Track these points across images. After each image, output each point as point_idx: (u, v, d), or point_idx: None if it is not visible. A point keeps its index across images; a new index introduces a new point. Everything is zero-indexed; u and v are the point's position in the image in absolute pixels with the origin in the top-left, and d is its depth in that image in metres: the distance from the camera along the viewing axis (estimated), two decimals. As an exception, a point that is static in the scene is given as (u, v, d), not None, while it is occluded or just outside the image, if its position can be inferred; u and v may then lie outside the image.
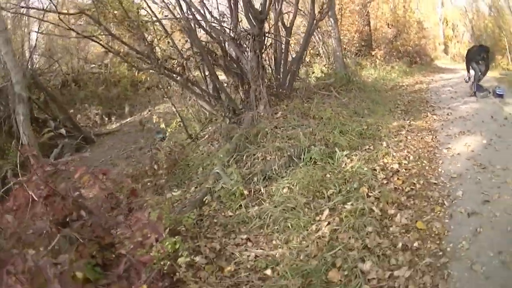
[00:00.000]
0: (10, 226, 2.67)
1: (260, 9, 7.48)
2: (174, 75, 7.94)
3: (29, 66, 13.46)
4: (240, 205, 4.86)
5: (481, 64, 10.70)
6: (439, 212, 4.53)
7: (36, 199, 2.97)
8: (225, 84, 8.47)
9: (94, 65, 17.16)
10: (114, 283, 2.52)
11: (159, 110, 13.93)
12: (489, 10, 21.95)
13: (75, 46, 16.70)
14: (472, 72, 10.92)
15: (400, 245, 3.86)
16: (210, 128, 8.30)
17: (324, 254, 3.71)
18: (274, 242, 4.12)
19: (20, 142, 7.20)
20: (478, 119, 8.36)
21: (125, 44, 7.79)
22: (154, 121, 9.16)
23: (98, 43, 8.40)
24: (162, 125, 8.87)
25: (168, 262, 3.41)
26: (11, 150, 10.69)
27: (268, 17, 7.89)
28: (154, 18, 8.13)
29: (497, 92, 10.46)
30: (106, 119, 14.54)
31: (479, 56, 10.76)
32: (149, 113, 13.99)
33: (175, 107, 9.00)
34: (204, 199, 4.97)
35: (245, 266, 3.80)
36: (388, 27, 19.83)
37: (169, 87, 9.42)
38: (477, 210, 4.49)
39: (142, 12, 8.40)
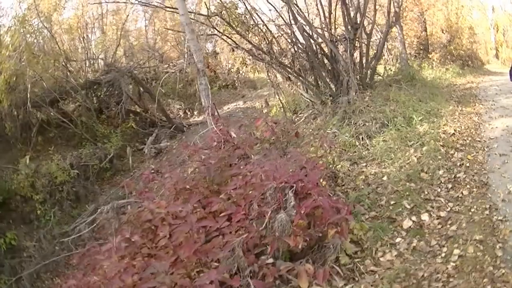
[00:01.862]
0: (213, 156, 6.06)
1: (354, 21, 11.05)
2: (286, 68, 11.55)
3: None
4: (355, 151, 8.38)
5: None
6: (481, 153, 7.95)
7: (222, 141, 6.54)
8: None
9: (167, 65, 20.87)
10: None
11: (241, 105, 17.55)
12: None
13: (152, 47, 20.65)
14: None
15: (458, 164, 7.34)
16: (305, 112, 11.83)
17: (415, 167, 7.18)
18: (383, 166, 7.57)
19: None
20: None
21: (249, 43, 11.48)
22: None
23: (225, 41, 12.11)
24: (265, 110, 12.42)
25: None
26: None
27: (361, 26, 11.40)
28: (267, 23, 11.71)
29: None
30: (189, 113, 17.89)
31: None
32: (229, 108, 17.70)
33: (279, 94, 12.61)
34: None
35: (369, 177, 7.27)
36: (443, 32, 22.96)
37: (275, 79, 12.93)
38: (505, 153, 7.80)
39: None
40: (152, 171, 9.20)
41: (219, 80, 21.64)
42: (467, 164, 7.32)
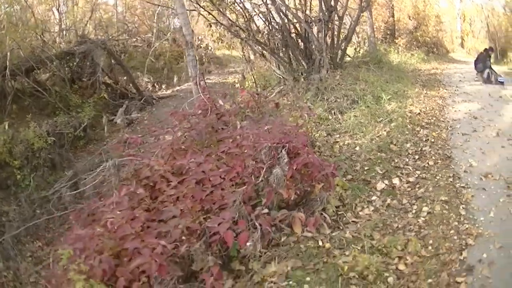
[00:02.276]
0: (202, 120, 6.70)
1: (330, 4, 11.74)
2: (262, 45, 12.16)
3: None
4: (328, 124, 9.11)
5: (488, 65, 15.07)
6: (445, 131, 8.82)
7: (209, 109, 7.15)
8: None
9: (135, 39, 21.23)
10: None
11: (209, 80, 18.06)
12: (504, 9, 25.08)
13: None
14: (485, 72, 14.91)
15: (424, 139, 8.17)
16: (276, 88, 12.50)
17: (385, 140, 7.95)
18: (356, 137, 8.29)
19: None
20: (479, 95, 12.55)
21: (229, 19, 12.05)
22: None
23: (205, 17, 12.65)
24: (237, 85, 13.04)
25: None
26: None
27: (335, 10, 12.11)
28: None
29: (499, 80, 14.51)
30: (157, 86, 18.41)
31: (487, 61, 15.21)
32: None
33: (250, 70, 13.24)
34: (305, 120, 9.16)
35: (343, 147, 8.00)
36: (409, 19, 24.16)
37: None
38: (467, 133, 8.69)
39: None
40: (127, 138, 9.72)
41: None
42: (432, 140, 8.15)
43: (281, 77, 12.57)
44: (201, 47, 21.88)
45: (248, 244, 4.04)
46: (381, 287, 3.82)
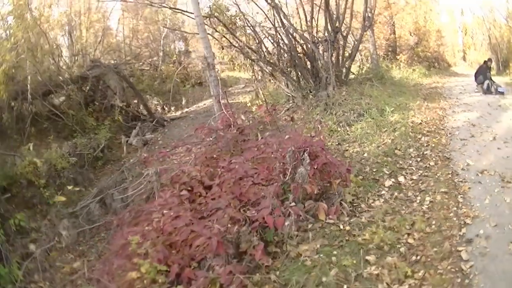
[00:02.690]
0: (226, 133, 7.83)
1: (335, 25, 12.94)
2: (273, 66, 13.34)
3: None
4: (338, 135, 10.20)
5: (488, 77, 16.16)
6: (444, 138, 9.89)
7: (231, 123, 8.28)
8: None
9: (141, 63, 22.32)
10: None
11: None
12: (506, 20, 25.41)
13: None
14: (485, 84, 15.99)
15: (425, 145, 9.23)
16: (285, 105, 13.62)
17: (390, 146, 9.01)
18: (363, 145, 9.34)
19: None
20: (478, 105, 13.57)
21: (241, 42, 13.23)
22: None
23: (218, 40, 13.83)
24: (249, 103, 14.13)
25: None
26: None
27: (340, 30, 13.30)
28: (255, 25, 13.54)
29: (499, 90, 15.55)
30: (166, 109, 19.30)
31: (487, 72, 16.31)
32: (205, 104, 19.08)
33: (261, 89, 14.38)
34: (316, 131, 10.26)
35: (353, 153, 9.04)
36: (410, 35, 25.32)
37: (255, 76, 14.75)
38: (465, 138, 9.72)
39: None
40: (145, 156, 10.79)
41: (192, 78, 23.10)
42: (433, 145, 9.18)
43: (290, 95, 13.62)
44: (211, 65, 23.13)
45: (286, 224, 5.08)
46: (395, 255, 4.83)
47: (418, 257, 4.86)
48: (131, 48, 22.52)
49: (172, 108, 19.11)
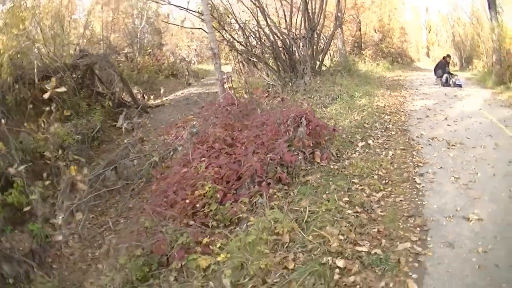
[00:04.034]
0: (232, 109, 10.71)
1: (313, 24, 16.02)
2: (258, 58, 16.30)
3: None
4: (316, 114, 13.14)
5: (447, 71, 19.22)
6: (404, 117, 12.96)
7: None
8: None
9: (118, 54, 24.12)
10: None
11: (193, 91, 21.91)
12: (470, 18, 26.40)
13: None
14: (444, 77, 19.10)
15: (388, 121, 12.23)
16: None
17: (360, 121, 11.87)
18: (339, 121, 12.02)
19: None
20: (435, 95, 16.66)
21: (231, 36, 16.12)
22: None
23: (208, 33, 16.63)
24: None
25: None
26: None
27: (316, 28, 16.37)
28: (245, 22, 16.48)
29: (457, 83, 18.43)
30: (146, 97, 21.40)
31: (446, 67, 19.32)
32: (183, 93, 21.79)
33: (245, 77, 17.27)
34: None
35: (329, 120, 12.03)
36: (375, 32, 28.70)
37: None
38: (421, 118, 12.71)
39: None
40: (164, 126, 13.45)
41: (165, 70, 25.95)
42: (394, 121, 12.09)
43: (270, 83, 16.54)
44: (183, 61, 25.91)
45: (299, 158, 7.98)
46: (372, 180, 7.62)
47: (387, 181, 7.67)
48: (109, 40, 24.41)
49: (152, 97, 21.31)
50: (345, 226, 5.84)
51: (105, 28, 25.00)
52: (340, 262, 4.96)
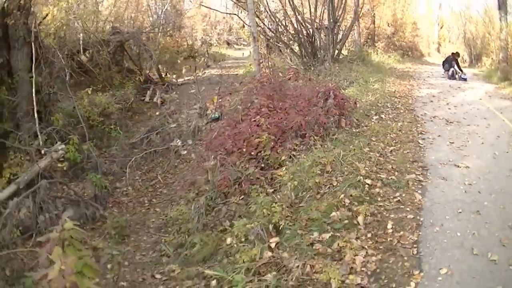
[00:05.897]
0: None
1: (336, 16, 18.56)
2: (285, 44, 18.84)
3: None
4: (336, 94, 15.69)
5: (454, 66, 21.12)
6: (411, 100, 15.44)
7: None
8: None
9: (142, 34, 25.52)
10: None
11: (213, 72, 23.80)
12: (482, 17, 28.14)
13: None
14: (450, 71, 21.06)
15: (397, 102, 14.71)
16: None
17: (373, 102, 14.24)
18: (356, 99, 14.59)
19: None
20: (441, 85, 18.93)
21: (263, 23, 18.65)
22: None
23: (242, 19, 19.24)
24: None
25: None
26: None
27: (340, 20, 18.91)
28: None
29: (462, 77, 20.31)
30: (169, 75, 22.05)
31: (453, 62, 21.20)
32: (205, 73, 23.54)
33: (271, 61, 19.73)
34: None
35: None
36: (388, 26, 30.73)
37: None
38: (426, 102, 15.17)
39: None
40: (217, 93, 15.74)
41: (184, 52, 27.83)
42: (402, 103, 14.56)
43: (293, 67, 18.96)
44: (204, 44, 28.21)
45: (330, 120, 10.47)
46: (387, 138, 10.09)
47: (397, 140, 10.07)
48: (133, 20, 26.24)
49: (174, 76, 22.22)
50: (368, 163, 8.32)
51: (129, 8, 26.65)
52: (368, 181, 7.33)
